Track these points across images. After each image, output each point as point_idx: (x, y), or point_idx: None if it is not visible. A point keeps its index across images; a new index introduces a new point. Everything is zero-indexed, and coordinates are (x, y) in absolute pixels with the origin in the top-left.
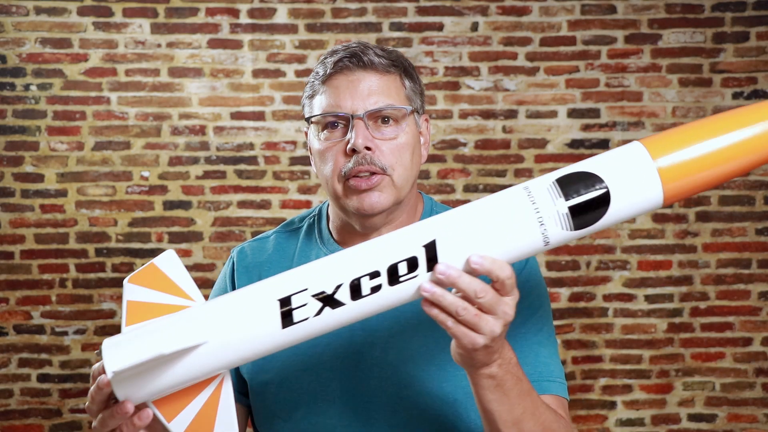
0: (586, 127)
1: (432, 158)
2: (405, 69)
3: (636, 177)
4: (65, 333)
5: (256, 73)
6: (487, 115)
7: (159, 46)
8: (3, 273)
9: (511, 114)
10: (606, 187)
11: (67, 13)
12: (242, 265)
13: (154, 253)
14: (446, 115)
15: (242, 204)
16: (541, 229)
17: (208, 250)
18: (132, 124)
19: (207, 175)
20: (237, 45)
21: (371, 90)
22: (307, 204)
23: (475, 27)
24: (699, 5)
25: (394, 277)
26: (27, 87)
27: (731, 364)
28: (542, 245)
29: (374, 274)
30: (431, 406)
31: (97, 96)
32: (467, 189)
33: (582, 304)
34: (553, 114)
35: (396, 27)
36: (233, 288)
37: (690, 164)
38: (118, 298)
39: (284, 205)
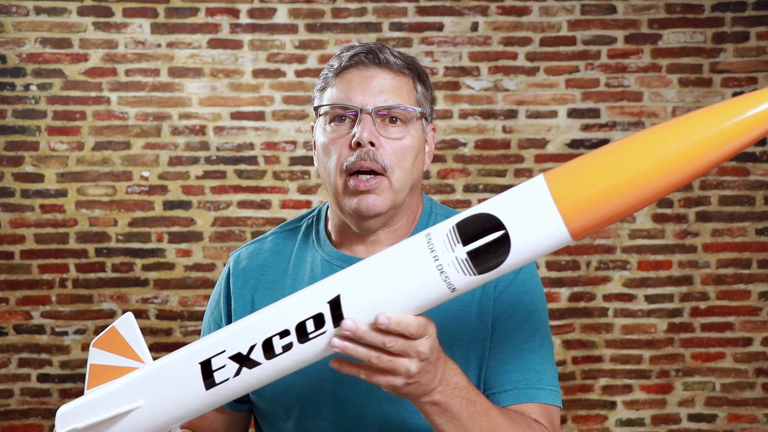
0: (586, 127)
1: (432, 158)
2: (419, 74)
3: (536, 216)
4: (65, 333)
5: (256, 73)
6: (487, 115)
7: (159, 46)
8: (3, 273)
9: (511, 114)
10: (504, 229)
11: (67, 13)
12: (237, 271)
13: (154, 253)
14: (446, 115)
15: (242, 204)
16: (442, 277)
17: (208, 250)
18: (132, 124)
19: (207, 175)
20: (237, 45)
21: (383, 88)
22: (307, 204)
23: (475, 27)
24: (699, 5)
25: (303, 334)
26: (27, 87)
27: (731, 364)
28: (449, 292)
29: (284, 333)
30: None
31: (97, 96)
32: (467, 189)
33: (582, 304)
34: (553, 114)
35: (396, 27)
36: (228, 295)
37: (594, 198)
38: (119, 298)
39: (284, 205)
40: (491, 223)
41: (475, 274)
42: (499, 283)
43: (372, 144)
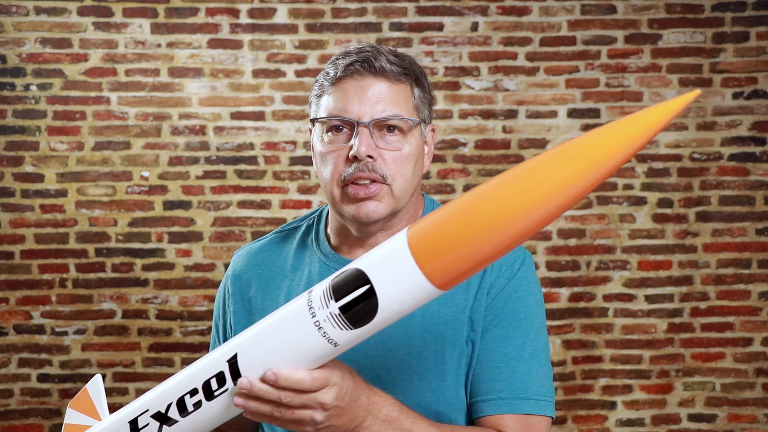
0: (586, 127)
1: (432, 158)
2: (416, 77)
3: (396, 269)
4: (65, 333)
5: (256, 73)
6: (487, 115)
7: (159, 46)
8: (3, 273)
9: (511, 114)
10: (370, 283)
11: (67, 13)
12: (235, 271)
13: (155, 253)
14: (446, 115)
15: (242, 204)
16: (321, 332)
17: (208, 250)
18: (132, 124)
19: (207, 175)
20: (237, 45)
21: (380, 97)
22: (307, 204)
23: (475, 27)
24: (699, 5)
25: (209, 392)
26: (27, 87)
27: (731, 364)
28: (331, 347)
29: (193, 392)
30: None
31: (97, 96)
32: (467, 189)
33: (582, 304)
34: (553, 114)
35: (396, 27)
36: (227, 296)
37: (448, 248)
38: (119, 298)
39: (284, 205)
40: (359, 278)
41: (351, 329)
42: (492, 288)
43: (371, 157)
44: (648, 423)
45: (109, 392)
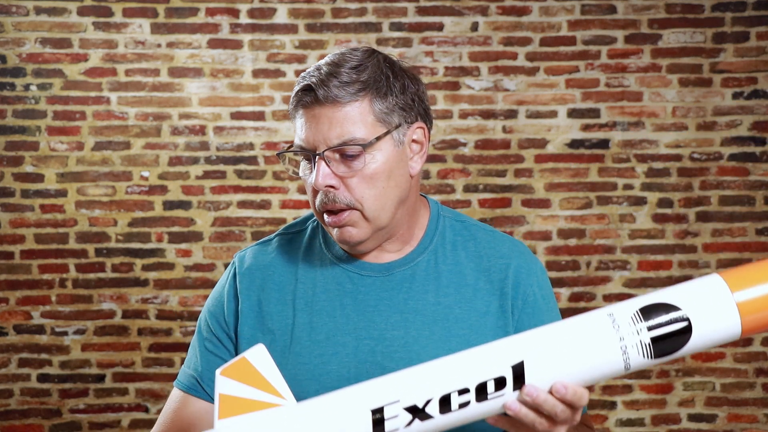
0: (586, 127)
1: (432, 158)
2: (378, 87)
3: (716, 311)
4: (65, 333)
5: (256, 73)
6: (487, 115)
7: (159, 46)
8: (3, 273)
9: (511, 114)
10: (688, 320)
11: (67, 13)
12: (243, 269)
13: (154, 253)
14: (446, 115)
15: (242, 204)
16: (624, 357)
17: (208, 250)
18: (132, 124)
19: (207, 175)
20: (237, 45)
21: (332, 124)
22: (307, 204)
23: (475, 27)
24: (699, 5)
25: (482, 394)
26: (27, 87)
27: (731, 364)
28: (623, 370)
29: (463, 391)
30: None
31: (97, 96)
32: (467, 189)
33: (582, 304)
34: (553, 114)
35: (396, 27)
36: (234, 293)
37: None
38: (118, 298)
39: (284, 205)
40: (675, 313)
41: (652, 358)
42: (515, 305)
43: (331, 186)
44: (648, 423)
45: (109, 392)
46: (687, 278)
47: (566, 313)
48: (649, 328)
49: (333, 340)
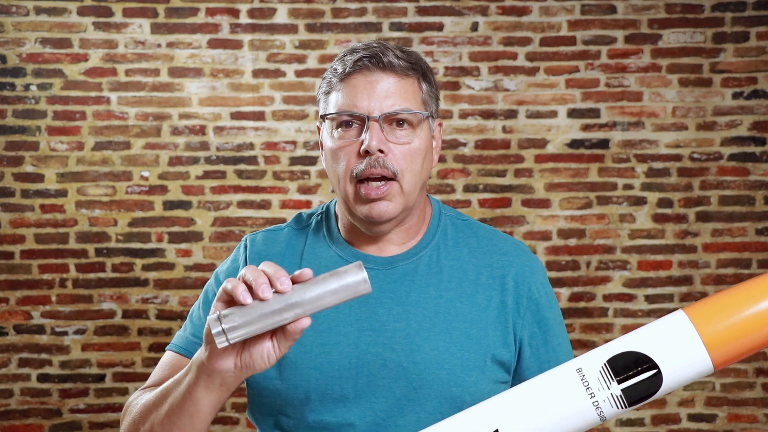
0: (586, 127)
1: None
2: (423, 72)
3: (684, 352)
4: (65, 333)
5: (256, 73)
6: (487, 115)
7: (159, 46)
8: (3, 273)
9: (511, 114)
10: (657, 366)
11: (67, 13)
12: (254, 251)
13: (155, 253)
14: (446, 115)
15: (242, 204)
16: (597, 411)
17: (208, 250)
18: (132, 124)
19: (207, 175)
20: (237, 45)
21: (389, 92)
22: (307, 204)
23: (475, 27)
24: (699, 5)
25: None
26: (27, 87)
27: (731, 364)
28: (598, 421)
29: None
30: (439, 409)
31: (97, 96)
32: (467, 189)
33: (582, 304)
34: (553, 114)
35: (396, 27)
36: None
37: (735, 330)
38: (119, 298)
39: (284, 205)
40: (644, 361)
41: (626, 407)
42: (520, 302)
43: (381, 151)
44: (648, 423)
45: (109, 392)
46: (687, 278)
47: (566, 312)
48: (619, 381)
49: (335, 330)
